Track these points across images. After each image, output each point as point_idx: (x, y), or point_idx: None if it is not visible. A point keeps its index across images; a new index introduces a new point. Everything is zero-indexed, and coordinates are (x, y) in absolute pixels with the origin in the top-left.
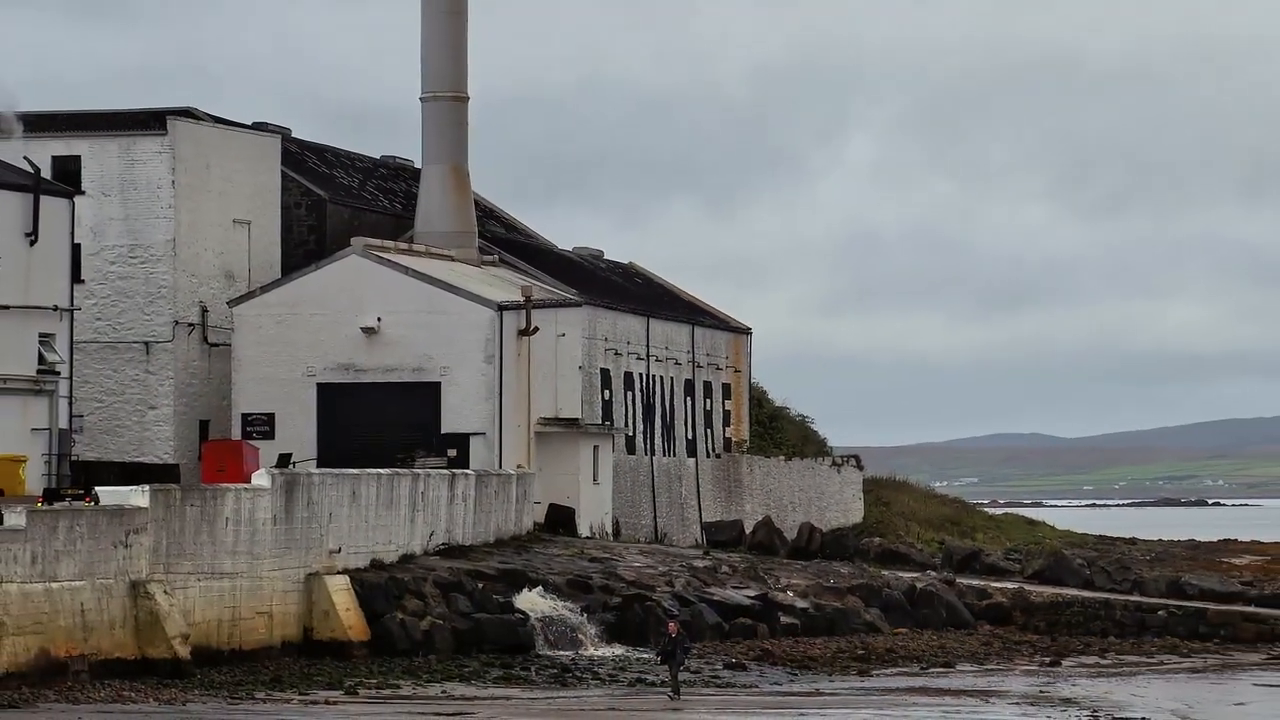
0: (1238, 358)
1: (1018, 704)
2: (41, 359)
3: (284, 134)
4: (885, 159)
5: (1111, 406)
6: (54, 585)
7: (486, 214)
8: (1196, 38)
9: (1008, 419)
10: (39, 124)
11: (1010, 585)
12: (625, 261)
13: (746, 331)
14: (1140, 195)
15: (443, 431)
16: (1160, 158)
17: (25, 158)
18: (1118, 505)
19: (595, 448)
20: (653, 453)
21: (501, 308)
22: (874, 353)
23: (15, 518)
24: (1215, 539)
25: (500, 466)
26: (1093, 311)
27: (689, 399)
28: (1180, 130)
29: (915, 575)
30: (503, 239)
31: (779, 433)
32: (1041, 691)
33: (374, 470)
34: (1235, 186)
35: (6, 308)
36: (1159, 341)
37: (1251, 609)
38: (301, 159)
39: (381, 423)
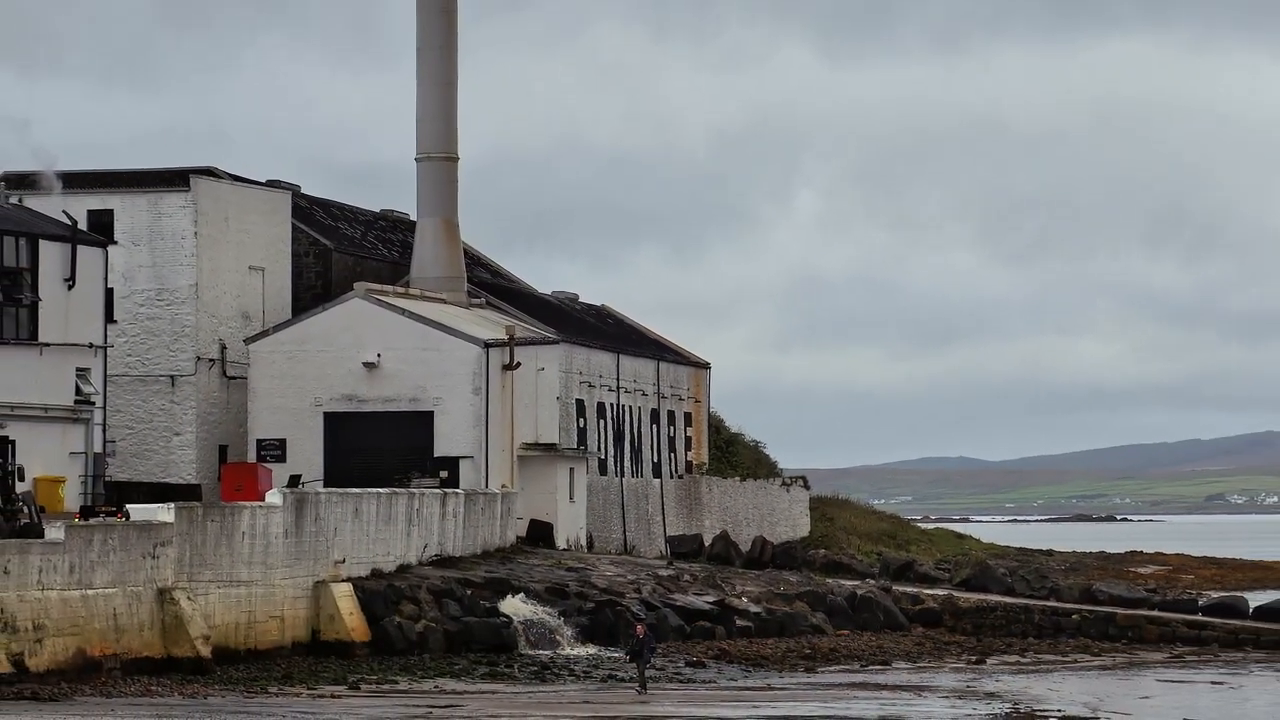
0: (1142, 389)
1: (947, 697)
2: (78, 390)
3: (294, 190)
4: (829, 211)
5: (1030, 433)
6: (90, 592)
7: (474, 261)
8: (1106, 103)
9: (938, 444)
10: (76, 182)
11: (940, 592)
12: (598, 303)
13: (706, 366)
14: (1056, 244)
15: (435, 455)
16: (1074, 210)
17: (64, 212)
18: (1036, 521)
19: (571, 470)
20: (622, 474)
21: (488, 345)
22: (819, 384)
23: (55, 532)
24: (1123, 551)
25: (486, 486)
26: (1013, 348)
27: (654, 426)
28: (1092, 186)
29: (856, 583)
30: (488, 284)
31: (734, 456)
32: (968, 686)
33: (374, 490)
34: (1140, 237)
35: (48, 345)
36: (1072, 375)
37: (1155, 613)
38: (310, 212)
39: (381, 447)
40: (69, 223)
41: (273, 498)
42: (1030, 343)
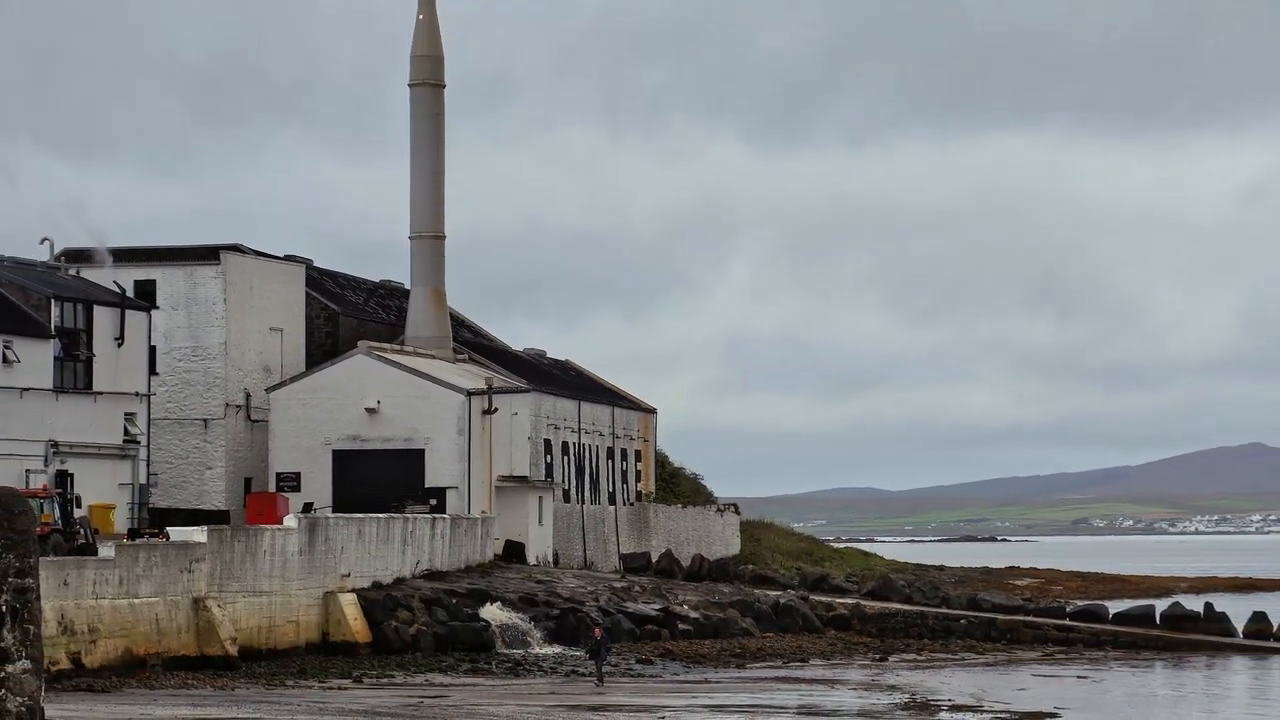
0: (1019, 431)
1: (855, 689)
2: (126, 432)
3: (307, 263)
4: (758, 280)
5: (926, 466)
6: (136, 600)
7: (458, 323)
8: (989, 190)
9: (848, 475)
10: (124, 256)
11: (850, 601)
12: (563, 358)
13: (653, 411)
14: (949, 308)
15: (426, 486)
16: (963, 280)
17: (114, 282)
18: (930, 541)
19: (540, 498)
20: (583, 502)
21: (470, 394)
22: (749, 426)
23: (107, 550)
24: (1003, 566)
25: (469, 512)
26: (912, 395)
27: (610, 462)
28: (978, 260)
29: (779, 593)
30: (470, 342)
31: (677, 486)
32: (873, 680)
33: (374, 515)
34: (1019, 303)
35: (101, 393)
36: (962, 418)
37: (1030, 618)
38: (321, 282)
39: (380, 479)
40: (118, 291)
41: (289, 522)
42: (926, 391)
